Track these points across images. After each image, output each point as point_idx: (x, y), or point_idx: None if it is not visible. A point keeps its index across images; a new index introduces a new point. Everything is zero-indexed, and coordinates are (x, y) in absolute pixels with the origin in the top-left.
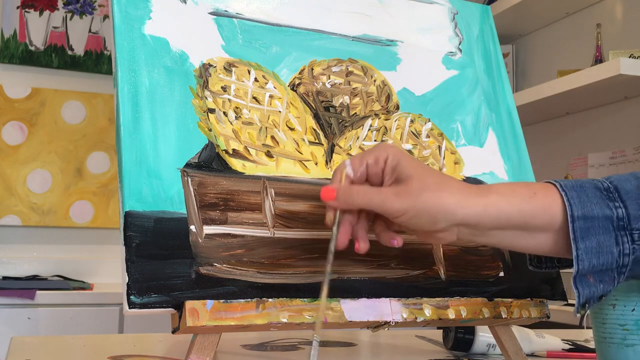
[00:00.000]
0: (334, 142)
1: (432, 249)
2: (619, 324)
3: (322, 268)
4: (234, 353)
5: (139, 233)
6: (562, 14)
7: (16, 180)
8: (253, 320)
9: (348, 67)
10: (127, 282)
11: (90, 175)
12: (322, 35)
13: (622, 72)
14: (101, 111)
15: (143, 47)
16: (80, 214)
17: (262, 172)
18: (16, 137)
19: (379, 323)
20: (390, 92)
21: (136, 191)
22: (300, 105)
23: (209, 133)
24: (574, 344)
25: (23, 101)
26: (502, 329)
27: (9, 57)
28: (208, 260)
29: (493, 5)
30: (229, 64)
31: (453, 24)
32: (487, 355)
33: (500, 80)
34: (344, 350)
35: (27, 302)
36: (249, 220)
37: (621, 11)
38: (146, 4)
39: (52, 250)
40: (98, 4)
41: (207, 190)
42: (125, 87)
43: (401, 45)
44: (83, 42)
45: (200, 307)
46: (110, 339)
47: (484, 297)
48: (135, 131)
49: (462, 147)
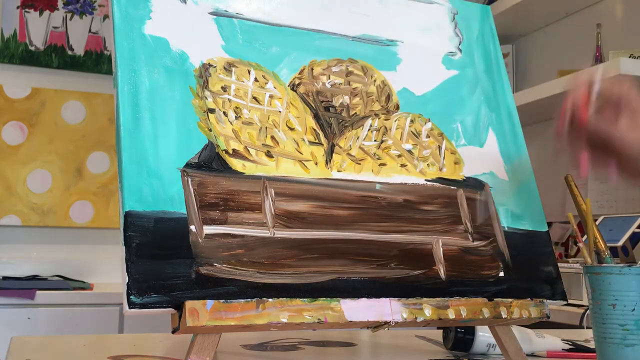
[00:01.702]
0: (334, 142)
1: (432, 249)
2: (619, 324)
3: (322, 268)
4: (234, 353)
5: (139, 233)
6: (562, 14)
7: (16, 180)
8: (253, 320)
9: (348, 67)
10: (127, 282)
11: (90, 175)
12: (322, 35)
13: (622, 72)
14: (101, 111)
15: (143, 47)
16: (80, 214)
17: (262, 172)
18: (16, 137)
19: (379, 323)
20: (390, 92)
21: (136, 191)
22: (300, 105)
23: (209, 133)
24: (574, 344)
25: (23, 101)
26: (502, 329)
27: (9, 57)
28: (208, 260)
29: (493, 5)
30: (229, 64)
31: (453, 24)
32: (487, 355)
33: (500, 80)
34: (344, 350)
35: (27, 302)
36: (249, 220)
37: (621, 11)
38: (146, 4)
39: (52, 250)
40: (98, 4)
41: (207, 190)
42: (125, 87)
43: (401, 45)
44: (83, 42)
45: (200, 307)
46: (110, 339)
47: (484, 297)
48: (135, 131)
49: (462, 147)
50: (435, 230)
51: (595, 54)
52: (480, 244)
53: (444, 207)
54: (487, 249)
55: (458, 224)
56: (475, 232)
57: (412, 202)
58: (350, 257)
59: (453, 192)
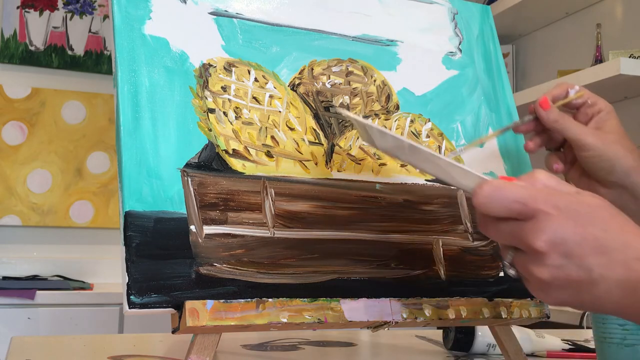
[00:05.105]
0: (334, 142)
1: (432, 249)
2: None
3: (322, 268)
4: (234, 353)
5: (139, 233)
6: (562, 14)
7: (16, 180)
8: (253, 320)
9: (348, 67)
10: (127, 282)
11: (90, 175)
12: (322, 35)
13: (622, 72)
14: (101, 111)
15: (143, 47)
16: (80, 214)
17: (262, 172)
18: (16, 137)
19: (379, 323)
20: (390, 92)
21: (136, 191)
22: (300, 105)
23: (209, 133)
24: (574, 344)
25: (23, 101)
26: (502, 329)
27: (9, 57)
28: (208, 260)
29: (493, 5)
30: (229, 64)
31: (453, 24)
32: (487, 355)
33: (500, 80)
34: (344, 350)
35: (27, 302)
36: (249, 220)
37: (621, 11)
38: (146, 4)
39: (52, 250)
40: (98, 4)
41: (207, 190)
42: (125, 87)
43: (401, 45)
44: (83, 42)
45: (200, 307)
46: (110, 339)
47: (484, 297)
48: (135, 131)
49: (462, 147)
50: (435, 230)
51: (595, 54)
52: (480, 244)
53: (444, 207)
54: (487, 249)
55: (458, 224)
56: (476, 232)
57: (412, 202)
58: (350, 257)
59: (453, 192)
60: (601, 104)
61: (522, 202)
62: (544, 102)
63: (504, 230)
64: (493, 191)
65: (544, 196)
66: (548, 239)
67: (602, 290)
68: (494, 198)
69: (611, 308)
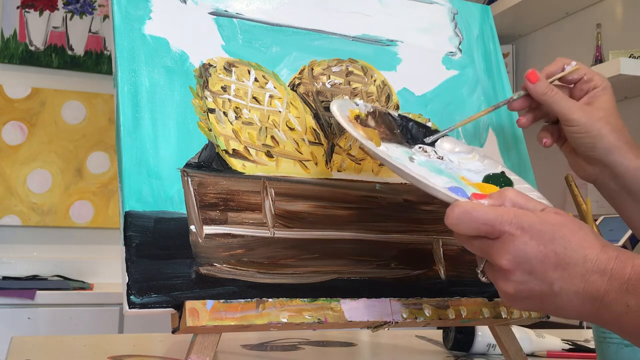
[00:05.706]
0: (334, 142)
1: (432, 249)
2: None
3: (322, 268)
4: (234, 353)
5: (139, 233)
6: (562, 14)
7: (16, 180)
8: (253, 320)
9: (348, 67)
10: (127, 282)
11: (90, 175)
12: (322, 35)
13: (622, 72)
14: (101, 111)
15: (143, 47)
16: (80, 214)
17: (262, 172)
18: (16, 137)
19: (379, 323)
20: (390, 92)
21: (136, 191)
22: (300, 105)
23: (209, 133)
24: (574, 344)
25: (23, 101)
26: (502, 329)
27: (9, 57)
28: (208, 260)
29: (493, 5)
30: (229, 64)
31: (453, 24)
32: (487, 355)
33: (500, 80)
34: (344, 350)
35: (27, 302)
36: (249, 220)
37: (621, 11)
38: (146, 4)
39: (52, 250)
40: (98, 4)
41: (207, 190)
42: (125, 87)
43: (401, 45)
44: (83, 42)
45: (200, 307)
46: (110, 339)
47: (484, 297)
48: (135, 131)
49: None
50: (435, 230)
51: (595, 54)
52: None
53: (444, 207)
54: None
55: None
56: None
57: (412, 202)
58: (350, 257)
59: None
60: (597, 80)
61: (489, 225)
62: (531, 74)
63: (475, 246)
64: (462, 214)
65: (510, 218)
66: (512, 258)
67: (564, 301)
68: (463, 220)
69: (573, 315)
